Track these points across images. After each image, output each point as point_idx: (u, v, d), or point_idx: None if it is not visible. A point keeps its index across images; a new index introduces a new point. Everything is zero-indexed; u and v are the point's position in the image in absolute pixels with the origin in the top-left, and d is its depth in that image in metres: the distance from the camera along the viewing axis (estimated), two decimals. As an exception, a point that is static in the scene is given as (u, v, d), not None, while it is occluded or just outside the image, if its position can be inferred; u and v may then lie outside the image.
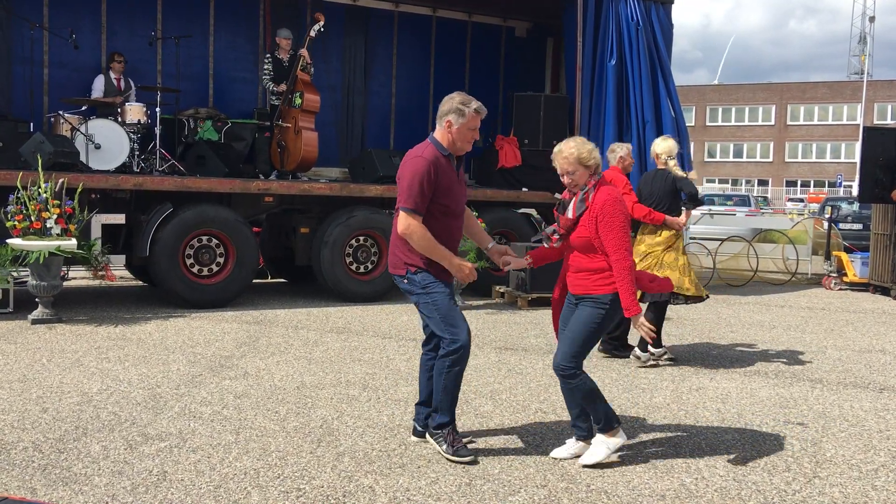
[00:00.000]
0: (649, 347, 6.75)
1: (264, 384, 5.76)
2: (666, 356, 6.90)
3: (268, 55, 10.54)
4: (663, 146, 7.11)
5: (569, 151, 4.31)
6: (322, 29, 10.27)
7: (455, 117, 4.25)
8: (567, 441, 4.53)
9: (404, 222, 4.18)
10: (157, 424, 4.76)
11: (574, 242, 4.36)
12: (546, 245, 4.51)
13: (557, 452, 4.45)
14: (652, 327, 4.34)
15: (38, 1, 10.30)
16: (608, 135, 10.57)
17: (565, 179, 4.37)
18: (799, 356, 7.37)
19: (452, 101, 4.29)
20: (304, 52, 10.21)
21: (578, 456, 4.39)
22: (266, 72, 10.42)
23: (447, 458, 4.27)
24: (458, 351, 4.25)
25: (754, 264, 13.33)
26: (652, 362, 6.77)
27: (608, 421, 4.36)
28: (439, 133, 4.32)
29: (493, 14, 13.20)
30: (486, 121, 14.60)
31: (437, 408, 4.35)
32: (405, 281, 4.34)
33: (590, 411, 4.38)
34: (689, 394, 5.89)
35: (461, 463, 4.22)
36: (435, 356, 4.42)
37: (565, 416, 5.21)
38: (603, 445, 4.34)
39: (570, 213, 4.34)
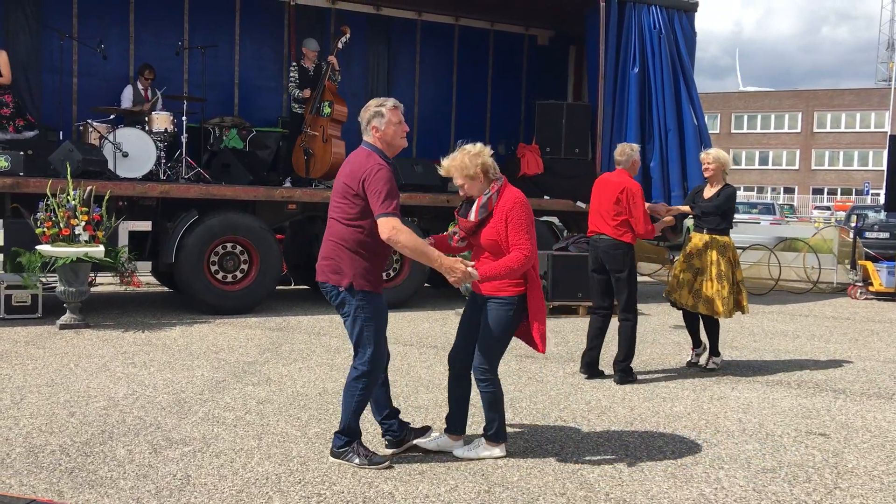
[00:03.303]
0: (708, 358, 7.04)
1: (287, 390, 5.83)
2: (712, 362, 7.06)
3: (293, 64, 10.65)
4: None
5: (457, 164, 4.39)
6: (347, 40, 10.41)
7: (378, 121, 4.28)
8: (433, 433, 4.66)
9: (388, 226, 4.11)
10: (182, 429, 4.84)
11: (483, 244, 4.42)
12: (451, 244, 4.61)
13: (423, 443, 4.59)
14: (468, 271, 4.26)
15: (67, 12, 10.49)
16: (630, 142, 10.54)
17: (460, 191, 4.47)
18: (822, 366, 7.31)
19: (368, 109, 4.32)
20: (332, 59, 10.32)
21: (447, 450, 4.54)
22: (292, 79, 10.52)
23: (364, 469, 4.23)
24: (371, 373, 4.26)
25: (776, 273, 13.22)
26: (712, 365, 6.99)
27: (499, 433, 4.51)
28: (372, 140, 4.32)
29: (515, 22, 13.25)
30: (509, 128, 14.56)
31: (343, 430, 4.31)
32: (341, 289, 4.24)
33: (489, 417, 4.50)
34: (709, 403, 5.87)
35: (379, 469, 4.23)
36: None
37: (585, 424, 5.23)
38: (485, 450, 4.50)
39: (471, 217, 4.42)
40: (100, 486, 3.94)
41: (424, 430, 4.67)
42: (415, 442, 4.57)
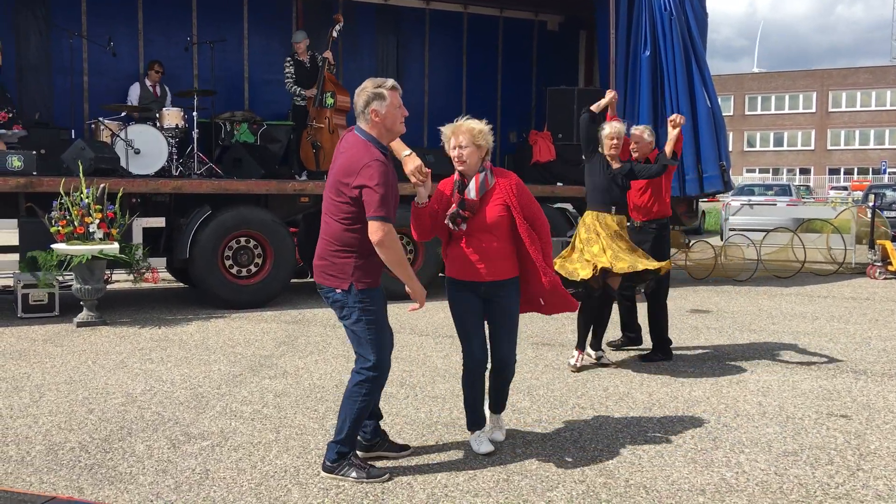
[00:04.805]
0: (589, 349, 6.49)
1: (303, 383, 5.83)
2: (602, 358, 6.49)
3: (288, 59, 10.60)
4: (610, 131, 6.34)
5: (471, 126, 4.27)
6: (341, 29, 10.35)
7: (378, 103, 3.91)
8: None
9: (379, 232, 3.79)
10: (200, 424, 4.85)
11: (490, 223, 4.25)
12: (455, 229, 4.30)
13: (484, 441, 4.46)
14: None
15: (76, 11, 10.52)
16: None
17: (458, 153, 4.24)
18: (842, 347, 7.24)
19: (364, 91, 3.93)
20: (328, 54, 10.28)
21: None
22: (288, 75, 10.50)
23: (363, 483, 3.93)
24: (377, 379, 3.97)
25: (799, 255, 13.08)
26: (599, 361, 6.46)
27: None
28: (367, 128, 3.95)
29: (524, 8, 13.17)
30: (520, 115, 14.49)
31: (341, 439, 3.99)
32: (338, 291, 3.94)
33: (505, 399, 4.61)
34: (729, 387, 5.83)
35: (381, 482, 3.94)
36: None
37: (603, 411, 5.20)
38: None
39: (472, 194, 4.24)
40: (119, 481, 3.95)
41: (402, 448, 4.36)
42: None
